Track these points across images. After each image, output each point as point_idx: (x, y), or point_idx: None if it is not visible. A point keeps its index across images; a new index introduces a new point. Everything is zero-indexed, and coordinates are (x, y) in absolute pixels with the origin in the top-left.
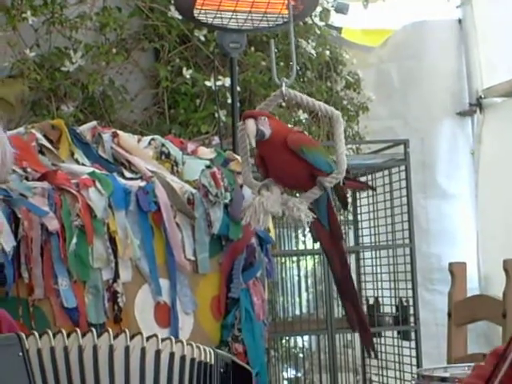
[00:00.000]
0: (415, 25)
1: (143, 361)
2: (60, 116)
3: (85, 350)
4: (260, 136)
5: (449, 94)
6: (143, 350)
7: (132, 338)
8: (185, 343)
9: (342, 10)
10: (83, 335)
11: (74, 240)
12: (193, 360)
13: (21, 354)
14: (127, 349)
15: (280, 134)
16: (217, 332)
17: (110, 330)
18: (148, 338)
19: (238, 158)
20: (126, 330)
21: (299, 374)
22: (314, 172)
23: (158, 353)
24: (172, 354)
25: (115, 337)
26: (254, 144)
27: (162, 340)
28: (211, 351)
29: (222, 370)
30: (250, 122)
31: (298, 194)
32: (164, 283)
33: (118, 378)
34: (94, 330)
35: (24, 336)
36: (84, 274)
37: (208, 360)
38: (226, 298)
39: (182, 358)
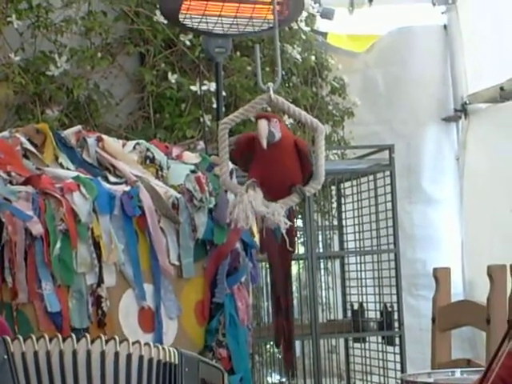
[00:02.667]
0: (401, 30)
1: (104, 364)
2: (45, 120)
3: (65, 354)
4: (270, 138)
5: (434, 100)
6: (102, 354)
7: (106, 342)
8: (151, 345)
9: (327, 15)
10: (64, 340)
11: (58, 244)
12: (150, 360)
13: (6, 356)
14: (102, 353)
15: (288, 138)
16: (201, 337)
17: (88, 335)
18: (107, 342)
19: None
20: (102, 336)
21: (283, 379)
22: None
23: (116, 355)
24: (129, 356)
25: (92, 342)
26: (265, 145)
27: (120, 342)
28: (175, 351)
29: (186, 370)
30: (264, 123)
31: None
32: (148, 288)
33: (95, 381)
34: (73, 335)
35: (9, 340)
36: (68, 278)
37: (172, 360)
38: (211, 303)
39: (141, 358)
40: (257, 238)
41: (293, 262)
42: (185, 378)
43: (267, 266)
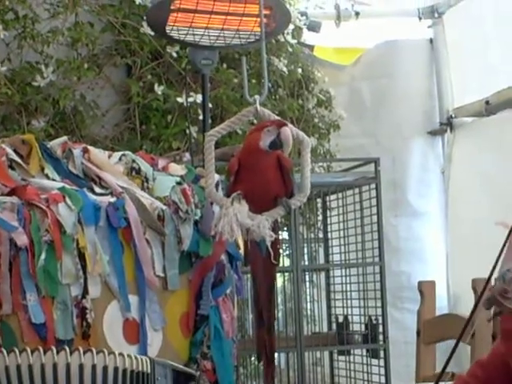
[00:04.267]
0: (387, 44)
1: (83, 378)
2: (31, 131)
3: (46, 367)
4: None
5: (420, 113)
6: (81, 367)
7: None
8: (124, 355)
9: (314, 28)
10: (45, 352)
11: (43, 255)
12: (125, 371)
13: None
14: (81, 366)
15: (272, 152)
16: (185, 349)
17: (67, 347)
18: (84, 353)
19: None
20: (80, 348)
21: None
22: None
23: (93, 368)
24: (105, 368)
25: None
26: (287, 153)
27: (97, 353)
28: (147, 360)
29: (159, 378)
30: (288, 131)
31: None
32: (133, 299)
33: None
34: (53, 347)
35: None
36: (52, 289)
37: (145, 369)
38: (195, 315)
39: (116, 370)
40: (242, 251)
41: (278, 275)
42: None
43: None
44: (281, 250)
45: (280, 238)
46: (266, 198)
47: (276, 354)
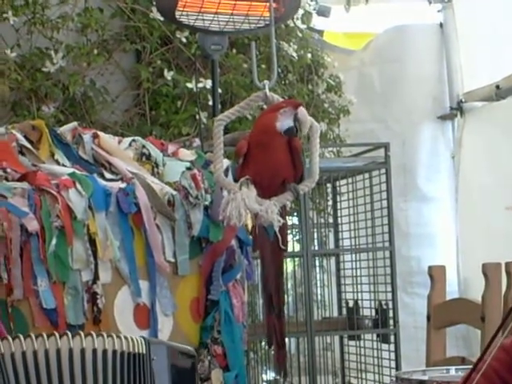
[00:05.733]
0: (397, 29)
1: (84, 362)
2: (40, 117)
3: (49, 353)
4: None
5: (430, 98)
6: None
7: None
8: (121, 337)
9: (323, 13)
10: (48, 338)
11: (54, 241)
12: (122, 353)
13: None
14: (83, 351)
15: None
16: (196, 334)
17: (69, 333)
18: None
19: None
20: (68, 333)
21: (278, 377)
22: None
23: (94, 352)
24: (94, 350)
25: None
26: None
27: (85, 336)
28: (142, 341)
29: (154, 358)
30: (305, 111)
31: None
32: (144, 285)
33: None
34: (56, 333)
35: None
36: (63, 274)
37: (140, 350)
38: (206, 300)
39: (114, 353)
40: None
41: (288, 260)
42: (153, 366)
43: None
44: (290, 235)
45: (289, 223)
46: (275, 181)
47: (286, 339)
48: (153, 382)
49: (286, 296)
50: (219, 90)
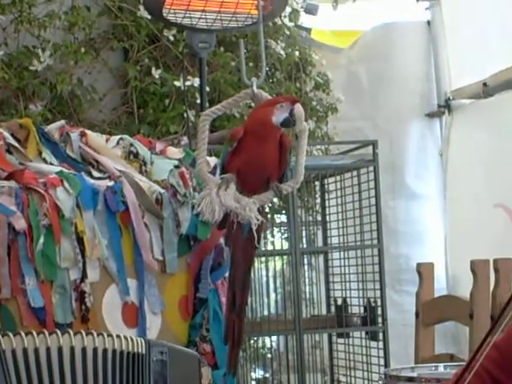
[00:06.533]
0: (384, 26)
1: (86, 361)
2: (28, 115)
3: (51, 351)
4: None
5: (418, 96)
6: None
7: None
8: (121, 337)
9: (311, 10)
10: (50, 335)
11: (42, 239)
12: (122, 353)
13: None
14: (84, 350)
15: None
16: (185, 332)
17: (71, 331)
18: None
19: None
20: (82, 331)
21: (267, 375)
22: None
23: (95, 351)
24: (105, 351)
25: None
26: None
27: (86, 335)
28: (143, 341)
29: (154, 359)
30: (301, 108)
31: None
32: (132, 283)
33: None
34: (58, 330)
35: (0, 337)
36: (51, 273)
37: (140, 350)
38: (194, 298)
39: (114, 352)
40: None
41: (277, 258)
42: (152, 366)
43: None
44: (278, 233)
45: (278, 221)
46: (260, 175)
47: (275, 337)
48: (154, 383)
49: (275, 294)
50: (207, 88)
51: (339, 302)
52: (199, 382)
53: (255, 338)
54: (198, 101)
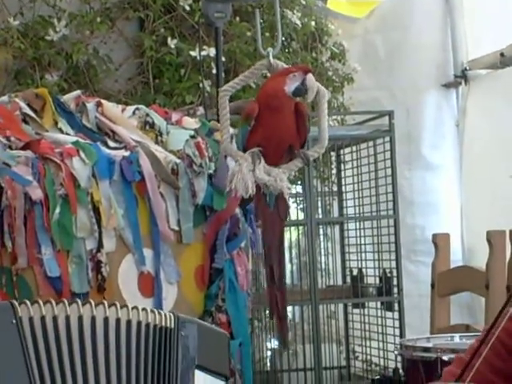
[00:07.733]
0: None
1: (108, 331)
2: (44, 85)
3: (71, 319)
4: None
5: (434, 66)
6: (106, 320)
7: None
8: (148, 310)
9: None
10: (69, 305)
11: (58, 209)
12: (148, 325)
13: (14, 321)
14: (106, 320)
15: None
16: (200, 302)
17: (91, 300)
18: (109, 307)
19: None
20: (104, 302)
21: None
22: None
23: (118, 321)
24: (129, 322)
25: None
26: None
27: (121, 308)
28: (171, 316)
29: (182, 334)
30: (313, 78)
31: None
32: (148, 253)
33: (99, 348)
34: (78, 300)
35: (17, 304)
36: (67, 243)
37: (168, 325)
38: (210, 269)
39: (139, 324)
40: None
41: (292, 228)
42: (180, 341)
43: None
44: (294, 204)
45: (293, 191)
46: (281, 146)
47: (290, 308)
48: (182, 358)
49: (290, 264)
50: (223, 58)
51: (355, 272)
52: (228, 361)
53: None
54: (214, 71)
